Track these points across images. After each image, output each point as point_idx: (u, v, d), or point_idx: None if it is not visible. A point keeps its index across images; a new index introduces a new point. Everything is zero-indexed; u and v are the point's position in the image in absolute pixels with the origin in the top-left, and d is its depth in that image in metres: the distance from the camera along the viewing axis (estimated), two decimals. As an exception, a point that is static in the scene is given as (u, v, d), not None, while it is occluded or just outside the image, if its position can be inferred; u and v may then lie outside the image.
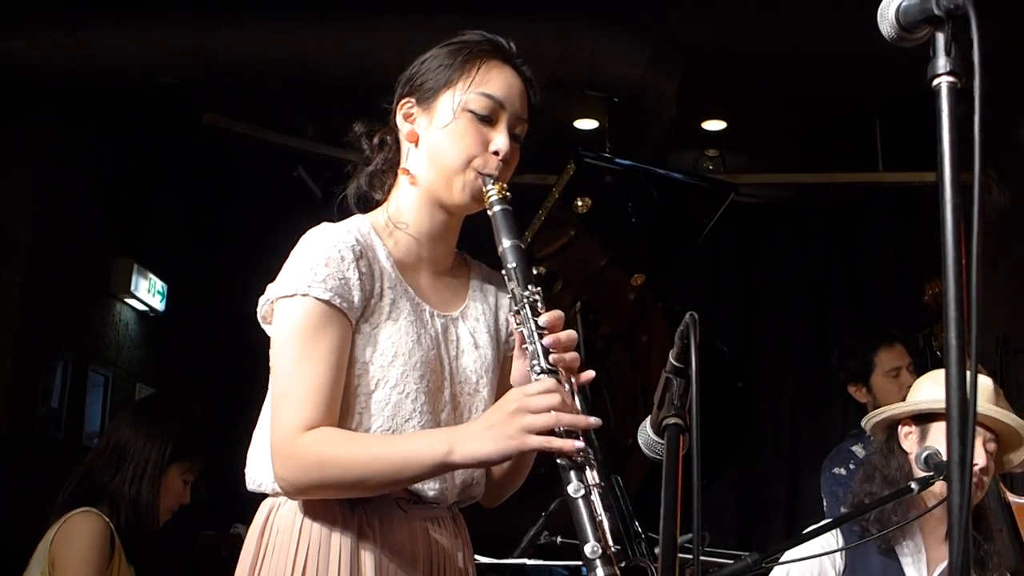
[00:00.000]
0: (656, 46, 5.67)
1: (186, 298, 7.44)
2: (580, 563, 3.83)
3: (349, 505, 1.86)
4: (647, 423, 1.70)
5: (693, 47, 5.80)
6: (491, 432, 1.72)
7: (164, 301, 7.19)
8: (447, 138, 1.93)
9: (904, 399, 2.95)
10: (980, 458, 2.65)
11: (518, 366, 1.90)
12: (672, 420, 1.56)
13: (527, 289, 1.82)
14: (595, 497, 1.65)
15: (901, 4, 1.28)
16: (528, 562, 3.81)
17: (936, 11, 1.24)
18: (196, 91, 6.49)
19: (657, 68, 5.71)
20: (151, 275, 6.95)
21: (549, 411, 1.69)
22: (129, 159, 6.71)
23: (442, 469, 1.79)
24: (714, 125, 7.15)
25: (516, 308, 1.82)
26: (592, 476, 1.67)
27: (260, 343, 1.98)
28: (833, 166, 7.29)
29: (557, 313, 1.81)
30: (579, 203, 4.16)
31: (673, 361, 1.59)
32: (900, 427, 2.83)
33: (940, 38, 1.24)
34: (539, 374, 1.76)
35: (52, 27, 5.49)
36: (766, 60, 6.07)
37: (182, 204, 7.27)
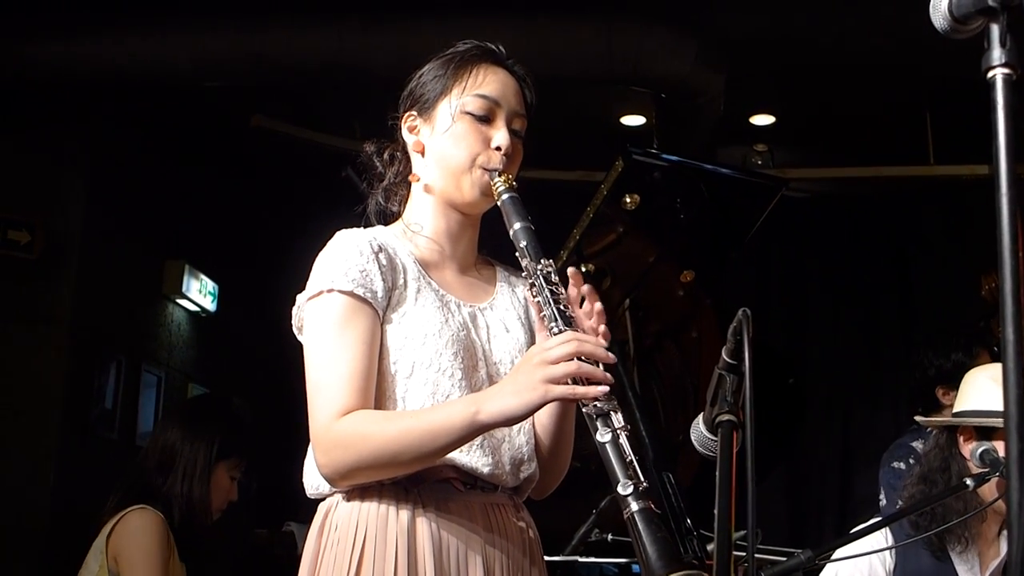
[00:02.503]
0: (703, 41, 5.64)
1: (237, 298, 7.49)
2: (630, 560, 3.82)
3: (404, 491, 1.88)
4: (700, 420, 1.70)
5: (740, 41, 5.77)
6: (514, 387, 1.77)
7: (215, 301, 7.25)
8: (450, 141, 2.02)
9: None
10: None
11: (540, 339, 1.95)
12: (726, 417, 1.56)
13: (540, 263, 1.89)
14: (623, 439, 1.70)
15: (954, -4, 1.27)
16: (580, 559, 3.82)
17: (991, 2, 1.22)
18: (244, 93, 6.54)
19: (704, 63, 5.68)
20: (202, 276, 7.01)
21: (569, 358, 1.73)
22: (179, 161, 6.78)
23: (472, 431, 1.81)
24: (762, 120, 7.09)
25: (531, 281, 1.89)
26: (618, 420, 1.71)
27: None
28: (883, 159, 7.22)
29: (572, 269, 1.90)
30: (628, 200, 4.16)
31: (726, 358, 1.59)
32: (959, 431, 2.80)
33: (995, 29, 1.23)
34: (557, 333, 1.81)
35: (101, 32, 5.55)
36: (814, 53, 6.02)
37: (232, 205, 7.31)
